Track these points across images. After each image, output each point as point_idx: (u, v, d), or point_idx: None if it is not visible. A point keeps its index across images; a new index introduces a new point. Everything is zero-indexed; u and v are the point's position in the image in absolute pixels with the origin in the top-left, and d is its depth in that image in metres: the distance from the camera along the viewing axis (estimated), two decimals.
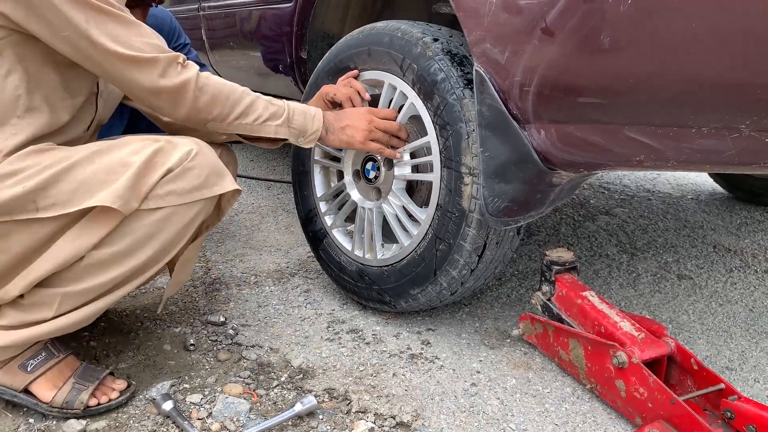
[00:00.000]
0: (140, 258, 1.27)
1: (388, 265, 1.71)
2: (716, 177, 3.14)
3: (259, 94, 1.47)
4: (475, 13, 1.39)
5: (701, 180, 3.41)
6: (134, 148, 1.25)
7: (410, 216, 1.67)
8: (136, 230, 1.24)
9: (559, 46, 1.24)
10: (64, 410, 1.35)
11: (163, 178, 1.24)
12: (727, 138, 1.11)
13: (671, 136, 1.17)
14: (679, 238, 2.56)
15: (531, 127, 1.38)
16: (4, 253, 1.23)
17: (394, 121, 1.64)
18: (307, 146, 1.56)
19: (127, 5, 1.60)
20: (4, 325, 1.29)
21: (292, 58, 2.21)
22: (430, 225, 1.60)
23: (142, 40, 1.28)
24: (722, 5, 1.03)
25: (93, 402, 1.37)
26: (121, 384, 1.43)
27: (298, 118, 1.49)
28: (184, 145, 1.28)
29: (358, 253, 1.80)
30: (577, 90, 1.26)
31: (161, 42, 1.35)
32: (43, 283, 1.26)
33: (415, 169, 1.66)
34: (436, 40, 1.59)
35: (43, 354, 1.38)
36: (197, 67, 1.37)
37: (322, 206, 1.92)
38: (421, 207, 1.65)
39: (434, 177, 1.58)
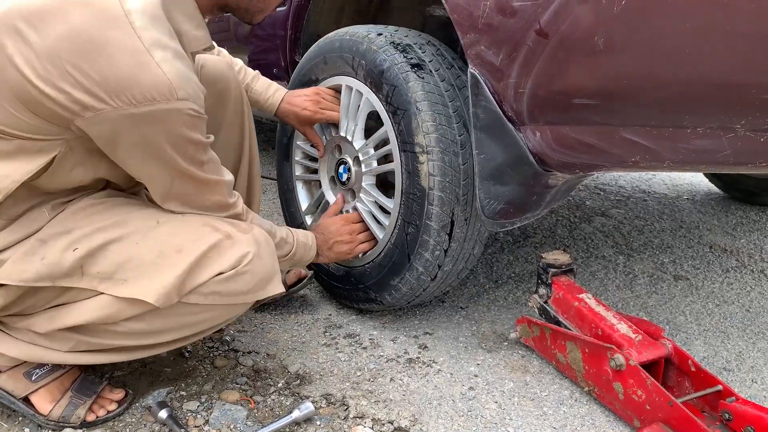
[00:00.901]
0: (165, 338, 1.28)
1: (369, 262, 1.73)
2: (711, 177, 3.15)
3: (281, 231, 1.52)
4: (469, 15, 1.39)
5: (697, 180, 3.41)
6: (191, 235, 1.23)
7: (384, 211, 1.70)
8: (170, 317, 1.24)
9: (554, 47, 1.23)
10: (61, 424, 1.35)
11: (211, 279, 1.22)
12: (723, 138, 1.11)
13: (667, 136, 1.17)
14: (675, 238, 2.56)
15: (526, 128, 1.38)
16: (37, 300, 1.24)
17: (359, 222, 1.74)
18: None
19: None
20: (18, 337, 1.29)
21: (287, 61, 2.21)
22: (398, 212, 1.62)
23: (211, 199, 1.30)
24: (716, 6, 1.03)
25: (91, 417, 1.36)
26: (118, 394, 1.42)
27: (299, 252, 1.57)
28: (243, 245, 1.25)
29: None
30: (572, 91, 1.26)
31: (228, 189, 1.34)
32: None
33: (382, 161, 1.70)
34: (380, 34, 1.66)
35: (49, 365, 1.36)
36: (250, 215, 1.44)
37: (308, 219, 1.99)
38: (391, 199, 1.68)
39: (395, 164, 1.61)
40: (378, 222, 1.71)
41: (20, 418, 1.38)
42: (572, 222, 2.69)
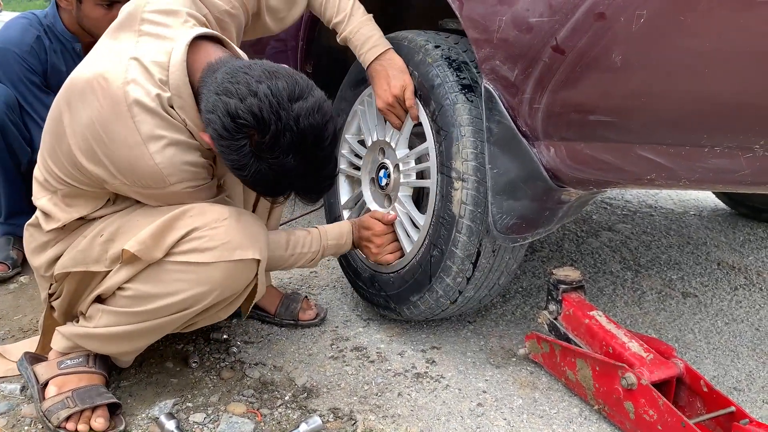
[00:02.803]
0: (161, 303, 1.32)
1: (393, 272, 1.72)
2: (719, 193, 3.14)
3: (301, 239, 1.61)
4: (485, 29, 1.39)
5: (703, 196, 3.40)
6: (177, 207, 1.33)
7: (415, 226, 1.68)
8: (159, 278, 1.31)
9: (570, 64, 1.23)
10: (45, 418, 1.35)
11: (187, 235, 1.29)
12: (741, 158, 1.10)
13: (683, 155, 1.16)
14: (683, 255, 2.54)
15: (540, 144, 1.38)
16: (85, 286, 1.43)
17: (392, 232, 1.74)
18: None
19: (110, 2, 2.06)
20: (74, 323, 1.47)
21: (298, 52, 2.21)
22: (427, 232, 1.60)
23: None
24: (735, 25, 1.02)
25: (70, 426, 1.34)
26: (103, 423, 1.35)
27: (330, 252, 1.67)
28: (223, 210, 1.33)
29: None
30: (587, 108, 1.25)
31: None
32: (96, 300, 1.41)
33: (420, 176, 1.68)
34: (437, 47, 1.62)
35: (80, 359, 1.44)
36: None
37: (345, 214, 1.98)
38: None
39: (431, 182, 1.60)
40: (408, 235, 1.70)
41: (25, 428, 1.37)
42: (579, 236, 2.68)
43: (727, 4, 1.02)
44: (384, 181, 1.78)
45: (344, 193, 2.00)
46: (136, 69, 1.25)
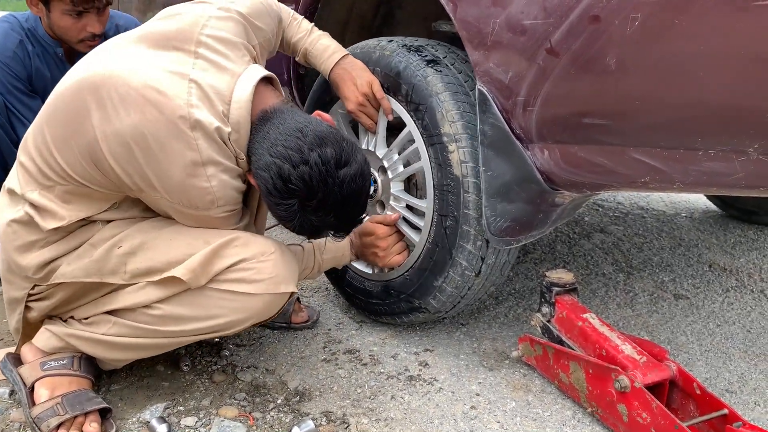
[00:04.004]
0: (191, 326, 1.35)
1: (407, 270, 1.70)
2: (710, 195, 3.15)
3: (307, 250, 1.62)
4: (479, 32, 1.38)
5: (694, 198, 3.41)
6: (219, 233, 1.36)
7: (416, 214, 1.68)
8: (198, 303, 1.33)
9: (564, 67, 1.23)
10: (35, 425, 1.34)
11: (235, 264, 1.32)
12: (735, 161, 1.10)
13: (678, 158, 1.16)
14: (675, 256, 2.55)
15: (534, 147, 1.37)
16: (88, 297, 1.41)
17: (395, 233, 1.73)
18: None
19: (78, 11, 2.06)
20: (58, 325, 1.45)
21: (290, 73, 2.20)
22: (434, 209, 1.60)
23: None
24: (730, 28, 1.02)
25: None
26: (96, 428, 1.34)
27: (327, 264, 1.66)
28: (267, 242, 1.38)
29: (378, 272, 1.79)
30: (581, 111, 1.25)
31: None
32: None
33: (408, 166, 1.69)
34: (390, 41, 1.70)
35: (65, 361, 1.43)
36: None
37: None
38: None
39: (423, 162, 1.60)
40: (413, 227, 1.69)
41: None
42: (571, 238, 2.69)
43: (721, 7, 1.02)
44: (371, 189, 1.73)
45: None
46: (199, 94, 1.26)
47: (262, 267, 1.33)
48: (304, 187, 1.24)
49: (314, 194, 1.25)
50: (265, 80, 1.39)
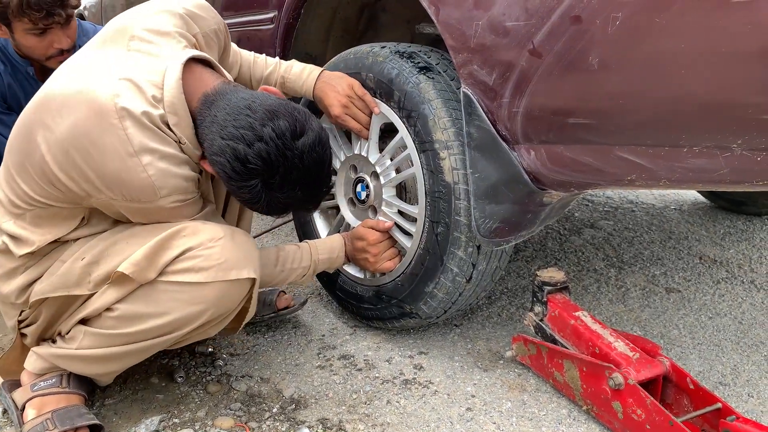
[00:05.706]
0: (150, 324, 1.32)
1: (399, 275, 1.70)
2: None
3: (290, 254, 1.61)
4: (462, 34, 1.38)
5: (683, 190, 3.43)
6: (169, 226, 1.32)
7: (408, 219, 1.68)
8: (152, 298, 1.30)
9: (548, 67, 1.23)
10: None
11: (182, 254, 1.29)
12: (719, 157, 1.11)
13: (663, 155, 1.17)
14: (665, 250, 2.56)
15: (520, 147, 1.38)
16: (65, 309, 1.40)
17: (388, 239, 1.73)
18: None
19: (40, 29, 2.03)
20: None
21: None
22: (425, 215, 1.60)
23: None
24: (711, 26, 1.03)
25: None
26: None
27: (321, 267, 1.68)
28: (217, 229, 1.33)
29: (369, 276, 1.79)
30: (566, 111, 1.25)
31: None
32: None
33: (400, 172, 1.69)
34: (383, 47, 1.70)
35: (53, 380, 1.42)
36: None
37: None
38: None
39: (416, 168, 1.60)
40: (404, 232, 1.69)
41: None
42: (562, 234, 2.69)
43: (701, 4, 1.03)
44: (364, 194, 1.77)
45: (322, 228, 1.98)
46: (126, 83, 1.24)
47: (209, 254, 1.29)
48: (264, 164, 1.20)
49: (275, 170, 1.21)
50: (204, 64, 1.36)
